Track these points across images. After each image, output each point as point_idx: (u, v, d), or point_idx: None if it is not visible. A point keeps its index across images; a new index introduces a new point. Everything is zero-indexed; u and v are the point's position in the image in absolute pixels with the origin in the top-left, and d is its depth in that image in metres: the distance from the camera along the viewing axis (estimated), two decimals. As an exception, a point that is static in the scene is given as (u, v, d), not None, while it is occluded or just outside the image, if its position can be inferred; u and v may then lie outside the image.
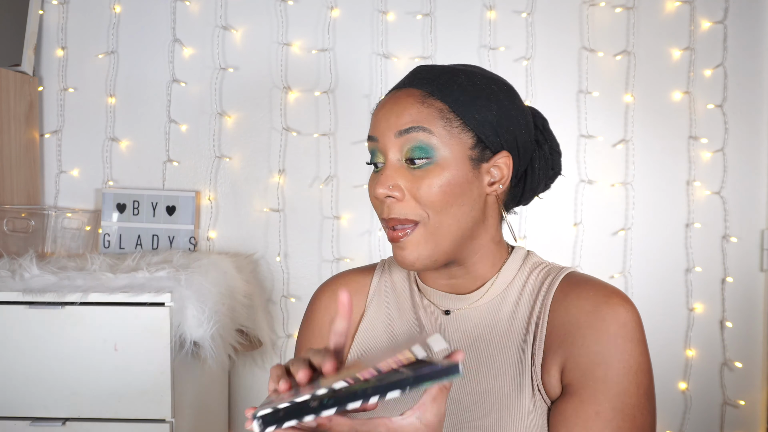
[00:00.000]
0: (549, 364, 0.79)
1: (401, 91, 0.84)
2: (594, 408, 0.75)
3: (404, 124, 0.81)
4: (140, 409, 1.33)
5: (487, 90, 0.85)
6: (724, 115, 1.79)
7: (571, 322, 0.80)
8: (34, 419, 1.33)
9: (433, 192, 0.80)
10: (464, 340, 0.85)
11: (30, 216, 1.62)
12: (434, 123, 0.81)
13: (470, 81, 0.84)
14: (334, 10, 1.81)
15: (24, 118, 1.74)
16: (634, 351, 0.77)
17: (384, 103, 0.85)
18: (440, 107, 0.81)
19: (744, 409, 1.80)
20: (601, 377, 0.76)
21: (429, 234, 0.81)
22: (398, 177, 0.81)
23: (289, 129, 1.82)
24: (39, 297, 1.32)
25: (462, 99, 0.82)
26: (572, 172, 1.81)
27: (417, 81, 0.84)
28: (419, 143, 0.80)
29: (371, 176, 0.86)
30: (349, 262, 1.81)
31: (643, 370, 0.77)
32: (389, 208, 0.81)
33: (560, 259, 1.80)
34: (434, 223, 0.81)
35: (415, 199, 0.80)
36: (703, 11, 1.79)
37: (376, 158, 0.84)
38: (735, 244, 1.80)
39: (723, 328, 1.80)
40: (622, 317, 0.78)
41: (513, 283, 0.87)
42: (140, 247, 1.76)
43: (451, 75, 0.84)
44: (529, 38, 1.80)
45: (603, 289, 0.81)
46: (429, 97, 0.82)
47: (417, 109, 0.81)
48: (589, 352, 0.77)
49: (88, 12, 1.82)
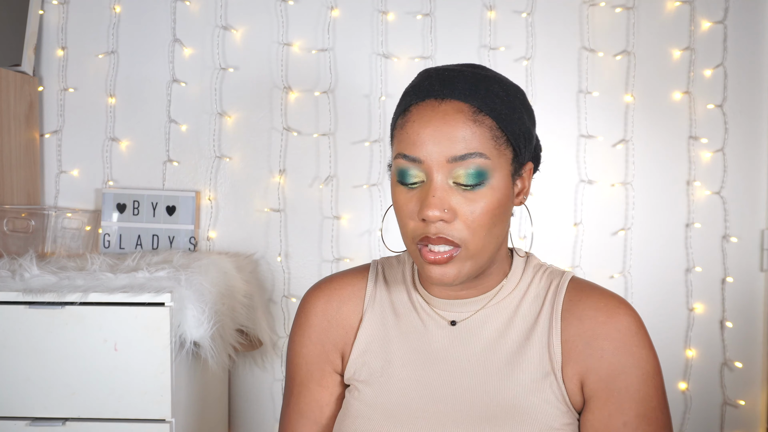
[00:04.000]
0: (569, 372, 0.81)
1: (444, 104, 0.77)
2: (621, 420, 0.78)
3: (460, 150, 0.75)
4: (140, 409, 1.33)
5: (517, 100, 0.82)
6: (724, 115, 1.79)
7: (587, 333, 0.81)
8: (33, 419, 1.33)
9: (483, 214, 0.77)
10: (471, 348, 0.85)
11: (30, 216, 1.62)
12: (487, 144, 0.76)
13: (504, 90, 0.80)
14: (334, 10, 1.81)
15: (24, 118, 1.74)
16: (648, 356, 0.80)
17: (428, 119, 0.77)
18: (490, 125, 0.77)
19: (744, 409, 1.80)
20: (624, 387, 0.79)
21: (471, 255, 0.78)
22: (449, 199, 0.76)
23: (289, 129, 1.82)
24: (39, 297, 1.32)
25: (504, 113, 0.79)
26: (572, 172, 1.81)
27: (459, 92, 0.78)
28: (476, 169, 0.76)
29: (403, 193, 0.79)
30: (349, 262, 1.81)
31: (658, 373, 0.81)
32: (438, 229, 0.76)
33: (560, 259, 1.80)
34: (478, 244, 0.78)
35: (463, 222, 0.77)
36: (703, 11, 1.79)
37: (412, 178, 0.78)
38: (735, 244, 1.80)
39: (723, 328, 1.80)
40: (633, 326, 0.80)
41: (518, 287, 0.87)
42: (140, 247, 1.76)
43: (486, 84, 0.80)
44: (529, 38, 1.80)
45: (612, 299, 0.82)
46: (479, 114, 0.77)
47: (470, 130, 0.76)
48: (609, 363, 0.79)
49: (88, 12, 1.82)
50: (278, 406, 1.81)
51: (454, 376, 0.84)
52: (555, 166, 1.80)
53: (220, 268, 1.55)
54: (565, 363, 0.81)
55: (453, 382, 0.84)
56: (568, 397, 0.80)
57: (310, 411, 0.92)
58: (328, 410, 0.92)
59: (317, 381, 0.92)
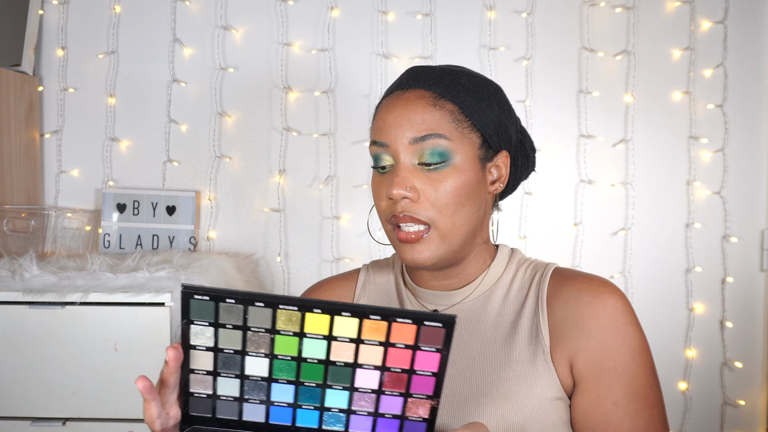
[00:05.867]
0: (558, 355, 0.81)
1: (408, 92, 0.83)
2: (611, 399, 0.79)
3: (419, 131, 0.80)
4: (140, 409, 1.33)
5: (486, 91, 0.86)
6: (724, 115, 1.79)
7: (572, 314, 0.82)
8: (34, 419, 1.33)
9: (448, 194, 0.80)
10: (457, 335, 0.86)
11: (30, 216, 1.62)
12: (447, 126, 0.81)
13: (471, 82, 0.85)
14: (334, 10, 1.81)
15: (24, 118, 1.74)
16: (635, 334, 0.80)
17: (392, 106, 0.83)
18: (451, 109, 0.82)
19: (744, 409, 1.80)
20: (612, 366, 0.79)
21: (442, 235, 0.81)
22: (414, 178, 0.81)
23: (289, 129, 1.82)
24: (39, 297, 1.32)
25: (469, 100, 0.83)
26: (572, 172, 1.81)
27: (422, 82, 0.83)
28: (436, 148, 0.80)
29: (376, 177, 0.85)
30: (349, 262, 1.81)
31: (645, 350, 0.81)
32: (403, 207, 0.81)
33: (560, 259, 1.80)
34: (447, 224, 0.81)
35: (429, 201, 0.80)
36: (703, 11, 1.79)
37: (383, 162, 0.83)
38: (735, 244, 1.80)
39: (723, 328, 1.80)
40: (619, 305, 0.81)
41: (501, 279, 0.88)
42: (140, 247, 1.76)
43: (452, 76, 0.84)
44: (529, 38, 1.80)
45: (595, 280, 0.84)
46: (440, 99, 0.82)
47: (430, 112, 0.81)
48: (597, 343, 0.80)
49: (88, 12, 1.82)
50: None
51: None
52: (555, 166, 1.80)
53: (220, 268, 1.55)
54: (553, 347, 0.81)
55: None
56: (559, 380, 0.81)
57: None
58: None
59: None
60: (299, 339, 0.64)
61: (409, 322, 0.62)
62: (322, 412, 0.67)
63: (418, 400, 0.66)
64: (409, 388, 0.65)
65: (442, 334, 0.63)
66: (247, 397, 0.67)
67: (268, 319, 0.63)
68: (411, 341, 0.63)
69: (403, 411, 0.66)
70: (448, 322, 0.62)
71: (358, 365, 0.65)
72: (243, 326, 0.64)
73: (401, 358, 0.64)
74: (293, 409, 0.67)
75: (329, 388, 0.66)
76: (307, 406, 0.66)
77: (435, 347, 0.63)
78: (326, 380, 0.65)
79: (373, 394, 0.66)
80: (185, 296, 0.63)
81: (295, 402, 0.66)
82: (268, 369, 0.65)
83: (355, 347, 0.64)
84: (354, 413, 0.67)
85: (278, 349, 0.64)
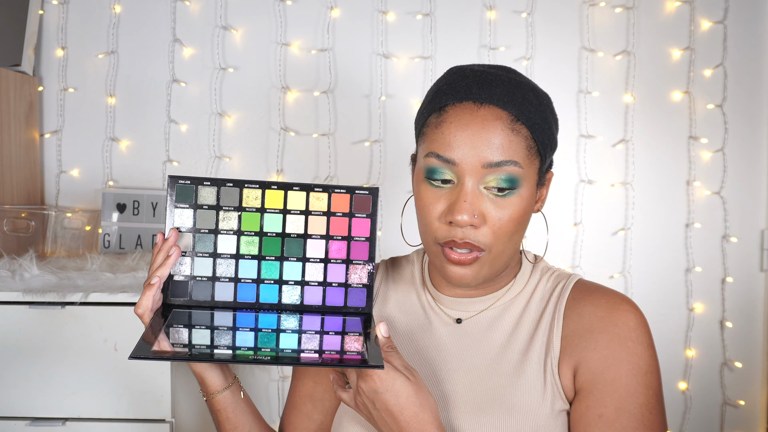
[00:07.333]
0: (564, 366, 0.80)
1: (483, 109, 0.77)
2: (597, 411, 0.76)
3: (497, 156, 0.76)
4: (140, 409, 1.33)
5: (548, 108, 0.82)
6: (724, 115, 1.79)
7: (584, 327, 0.81)
8: (33, 419, 1.33)
9: (510, 221, 0.78)
10: (476, 346, 0.85)
11: (30, 216, 1.62)
12: (522, 153, 0.77)
13: (537, 99, 0.81)
14: (333, 10, 1.81)
15: (24, 118, 1.74)
16: (644, 354, 0.78)
17: (467, 123, 0.77)
18: (526, 135, 0.78)
19: (744, 409, 1.80)
20: (611, 379, 0.77)
21: (493, 258, 0.80)
22: (479, 204, 0.77)
23: (288, 129, 1.82)
24: (39, 297, 1.32)
25: (538, 123, 0.79)
26: (572, 172, 1.81)
27: (497, 99, 0.78)
28: (509, 176, 0.76)
29: (429, 190, 0.79)
30: (349, 262, 1.81)
31: (653, 372, 0.79)
32: (465, 234, 0.77)
33: (560, 259, 1.80)
34: (500, 248, 0.79)
35: (489, 227, 0.77)
36: (703, 11, 1.79)
37: (443, 176, 0.78)
38: (735, 244, 1.80)
39: (723, 328, 1.80)
40: (632, 322, 0.79)
41: (525, 289, 0.88)
42: (140, 247, 1.76)
43: (521, 91, 0.80)
44: (529, 38, 1.80)
45: (614, 296, 0.82)
46: (516, 123, 0.77)
47: (508, 137, 0.76)
48: (601, 355, 0.78)
49: (88, 12, 1.82)
50: (276, 406, 1.81)
51: (459, 373, 0.84)
52: (555, 166, 1.80)
53: (220, 268, 1.55)
54: (561, 358, 0.81)
55: (456, 378, 0.84)
56: (564, 392, 0.80)
57: (303, 404, 0.95)
58: (321, 405, 0.94)
59: (312, 377, 0.95)
60: (260, 215, 0.80)
61: (344, 192, 0.80)
62: (281, 285, 0.81)
63: (357, 266, 0.81)
64: (350, 254, 0.81)
65: (369, 201, 0.81)
66: (219, 275, 0.80)
67: (236, 199, 0.80)
68: (347, 209, 0.81)
69: (346, 278, 0.81)
70: (373, 190, 0.81)
71: (308, 236, 0.80)
72: (216, 206, 0.79)
73: (340, 227, 0.81)
74: (257, 286, 0.80)
75: (286, 260, 0.80)
76: (268, 281, 0.80)
77: (365, 213, 0.81)
78: (283, 253, 0.80)
79: (321, 264, 0.81)
80: (172, 181, 0.79)
81: (258, 277, 0.80)
82: (235, 246, 0.80)
83: (304, 219, 0.80)
84: (307, 284, 0.81)
85: (245, 226, 0.80)
